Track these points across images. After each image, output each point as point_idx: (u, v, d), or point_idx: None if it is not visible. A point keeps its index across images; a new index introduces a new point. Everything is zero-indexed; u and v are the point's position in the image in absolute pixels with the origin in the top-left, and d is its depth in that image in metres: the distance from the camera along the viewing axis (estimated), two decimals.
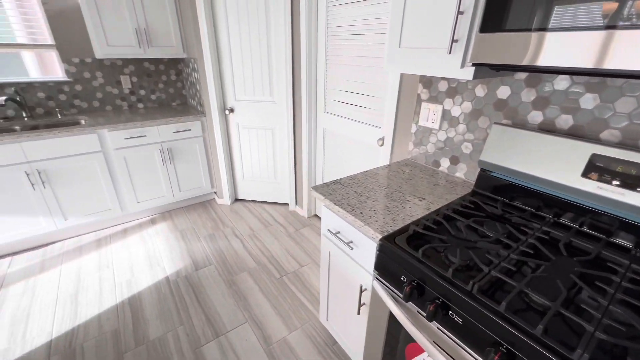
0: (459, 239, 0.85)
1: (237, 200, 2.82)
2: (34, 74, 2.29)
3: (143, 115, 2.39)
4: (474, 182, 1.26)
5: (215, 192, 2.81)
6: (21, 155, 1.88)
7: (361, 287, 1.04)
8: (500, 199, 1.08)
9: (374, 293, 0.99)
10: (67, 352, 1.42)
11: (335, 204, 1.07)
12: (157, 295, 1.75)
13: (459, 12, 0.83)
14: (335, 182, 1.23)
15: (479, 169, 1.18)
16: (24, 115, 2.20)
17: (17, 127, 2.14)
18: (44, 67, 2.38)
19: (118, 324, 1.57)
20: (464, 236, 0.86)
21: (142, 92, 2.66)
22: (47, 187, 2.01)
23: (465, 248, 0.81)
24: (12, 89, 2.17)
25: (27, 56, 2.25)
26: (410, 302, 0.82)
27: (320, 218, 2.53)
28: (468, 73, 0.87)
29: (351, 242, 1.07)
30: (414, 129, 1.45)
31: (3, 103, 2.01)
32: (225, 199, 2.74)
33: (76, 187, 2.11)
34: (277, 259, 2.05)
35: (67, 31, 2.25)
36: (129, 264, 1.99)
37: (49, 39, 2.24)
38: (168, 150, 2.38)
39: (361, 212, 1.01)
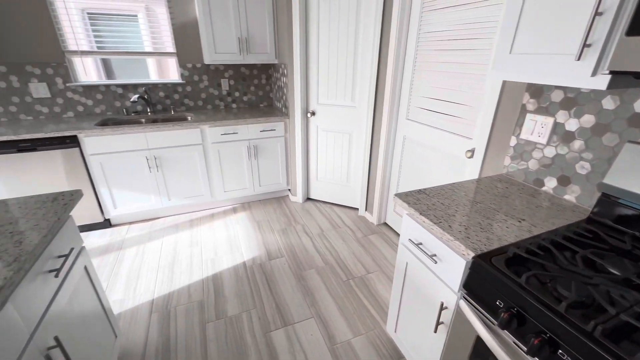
0: (570, 271, 0.75)
1: (308, 199, 2.94)
2: (155, 77, 2.77)
3: (236, 114, 2.67)
4: (589, 208, 1.08)
5: (289, 190, 2.98)
6: (144, 143, 2.28)
7: (442, 305, 0.98)
8: (629, 231, 0.90)
9: (459, 313, 0.92)
10: (164, 312, 1.67)
11: (420, 213, 1.04)
12: (235, 277, 1.93)
13: (597, 13, 0.73)
14: (419, 191, 1.20)
15: (599, 194, 1.01)
16: (148, 110, 2.67)
17: (142, 120, 2.61)
18: (162, 70, 2.86)
19: (203, 296, 1.78)
20: (578, 269, 0.75)
21: (237, 94, 2.98)
22: (160, 171, 2.40)
23: (581, 282, 0.70)
24: (143, 88, 2.66)
25: (150, 62, 2.73)
26: (506, 331, 0.75)
27: (390, 227, 2.48)
28: (601, 82, 0.75)
29: (435, 255, 1.02)
30: (513, 142, 1.32)
31: (135, 100, 2.47)
32: (298, 197, 2.88)
33: (179, 173, 2.47)
34: (344, 262, 2.07)
35: (185, 41, 2.65)
36: (214, 245, 2.25)
37: (171, 48, 2.67)
38: (254, 147, 2.61)
39: (449, 226, 0.96)
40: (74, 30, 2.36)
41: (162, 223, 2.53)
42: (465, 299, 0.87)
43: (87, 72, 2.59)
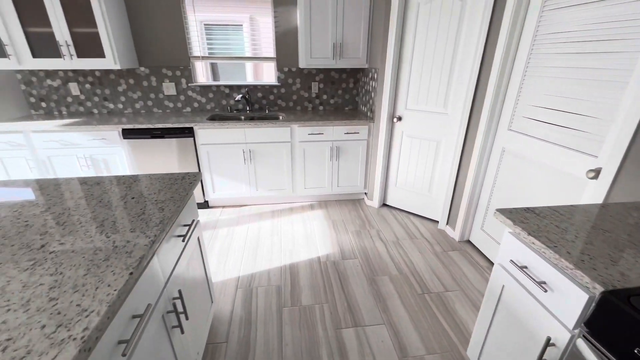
0: None
1: (384, 205, 2.90)
2: (252, 79, 3.08)
3: (322, 116, 2.80)
4: None
5: (365, 193, 2.98)
6: (243, 137, 2.57)
7: (548, 340, 0.87)
8: None
9: (574, 354, 0.80)
10: (247, 289, 1.85)
11: (529, 234, 0.93)
12: (310, 270, 2.03)
13: None
14: (526, 209, 1.08)
15: None
16: (247, 108, 3.00)
17: (242, 117, 2.94)
18: (257, 73, 3.16)
19: (281, 281, 1.92)
20: None
21: (325, 96, 3.13)
22: (252, 163, 2.67)
23: None
24: (245, 89, 2.99)
25: (249, 66, 3.06)
26: None
27: (474, 245, 2.27)
28: None
29: (544, 283, 0.91)
30: None
31: (239, 99, 2.80)
32: (374, 202, 2.87)
33: (268, 166, 2.70)
34: (420, 274, 1.98)
35: (284, 47, 2.90)
36: (292, 237, 2.39)
37: (271, 53, 2.95)
38: (336, 149, 2.70)
39: (568, 252, 0.84)
40: (199, 39, 2.81)
41: (248, 210, 2.81)
42: (587, 339, 0.75)
43: (202, 74, 3.05)
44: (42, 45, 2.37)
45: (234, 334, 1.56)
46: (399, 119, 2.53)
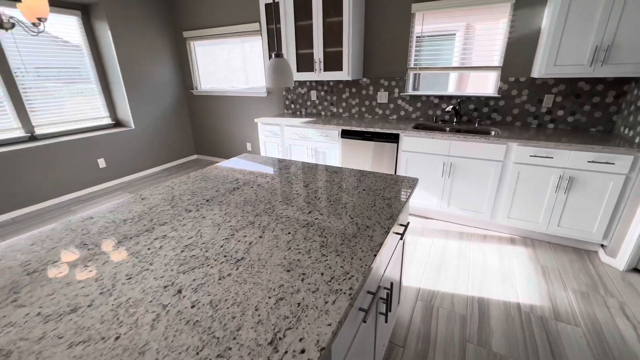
0: None
1: (635, 270, 2.03)
2: (453, 89, 2.88)
3: (549, 135, 2.27)
4: None
5: (603, 245, 2.20)
6: (446, 150, 2.48)
7: None
8: None
9: None
10: (427, 304, 1.79)
11: None
12: (505, 314, 1.71)
13: None
14: None
15: None
16: (455, 120, 2.87)
17: (447, 129, 2.85)
18: (461, 84, 2.91)
19: (466, 312, 1.73)
20: None
21: (560, 112, 2.52)
22: (450, 177, 2.54)
23: None
24: (457, 100, 2.87)
25: (452, 76, 2.85)
26: None
27: None
28: None
29: None
30: None
31: (449, 110, 2.72)
32: (617, 261, 2.06)
33: (467, 184, 2.49)
34: None
35: (514, 54, 2.54)
36: (483, 267, 2.11)
37: (495, 62, 2.66)
38: (569, 179, 2.12)
39: None
40: (414, 51, 2.93)
41: (434, 224, 2.71)
42: None
43: (410, 84, 3.16)
44: (304, 62, 3.18)
45: (411, 342, 1.55)
46: None
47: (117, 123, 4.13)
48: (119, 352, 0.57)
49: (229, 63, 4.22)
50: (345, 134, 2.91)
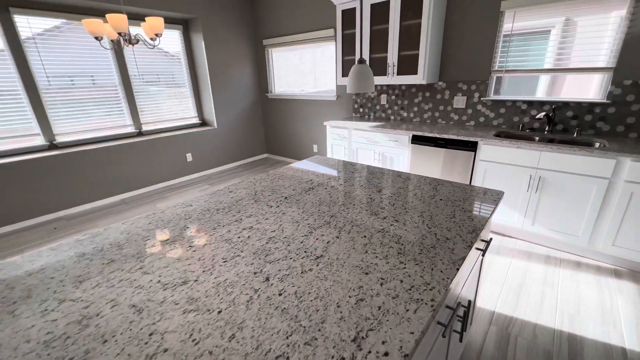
0: None
1: None
2: (543, 94, 2.51)
3: None
4: None
5: None
6: (534, 162, 2.21)
7: None
8: None
9: None
10: (503, 331, 1.62)
11: None
12: (605, 358, 1.45)
13: None
14: None
15: None
16: (547, 129, 2.54)
17: (535, 138, 2.54)
18: (555, 88, 2.52)
19: (552, 348, 1.52)
20: None
21: None
22: (537, 193, 2.25)
23: None
24: (552, 106, 2.54)
25: (543, 79, 2.49)
26: None
27: None
28: None
29: None
30: None
31: (541, 117, 2.42)
32: None
33: (559, 202, 2.18)
34: None
35: (634, 53, 2.14)
36: (576, 299, 1.82)
37: (605, 62, 2.27)
38: None
39: None
40: (500, 52, 2.67)
41: (513, 243, 2.44)
42: None
43: (494, 89, 2.89)
44: (377, 66, 3.16)
45: None
46: None
47: (203, 122, 4.66)
48: (221, 324, 0.65)
49: (300, 67, 4.43)
50: (416, 140, 2.81)
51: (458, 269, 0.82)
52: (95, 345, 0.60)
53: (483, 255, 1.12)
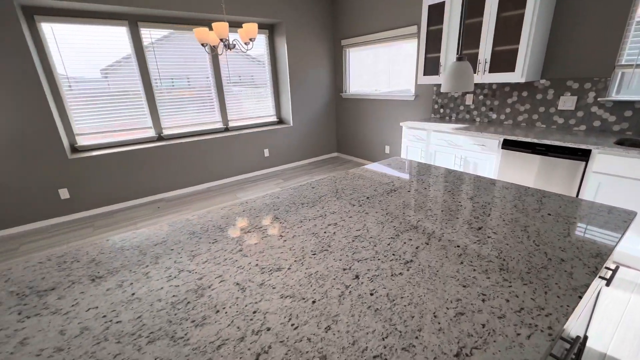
0: None
1: None
2: None
3: None
4: None
5: None
6: None
7: None
8: None
9: None
10: None
11: None
12: None
13: None
14: None
15: None
16: None
17: None
18: None
19: None
20: None
21: None
22: None
23: None
24: None
25: None
26: None
27: None
28: None
29: None
30: None
31: None
32: None
33: None
34: None
35: None
36: None
37: None
38: None
39: None
40: (629, 42, 2.19)
41: (634, 275, 2.00)
42: None
43: (615, 87, 2.39)
44: None
45: None
46: None
47: (280, 121, 4.95)
48: (316, 314, 0.68)
49: (373, 67, 4.35)
50: (509, 145, 2.51)
51: (580, 297, 0.70)
52: (210, 314, 0.68)
53: (607, 285, 0.93)
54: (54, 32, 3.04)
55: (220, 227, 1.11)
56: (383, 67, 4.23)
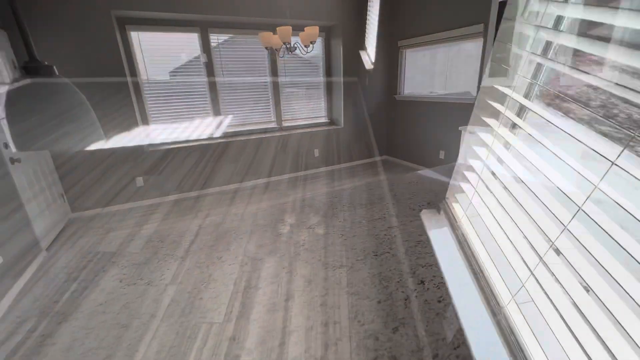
0: None
1: None
2: None
3: None
4: None
5: None
6: None
7: None
8: None
9: None
10: None
11: None
12: None
13: None
14: None
15: None
16: None
17: None
18: None
19: None
20: None
21: None
22: None
23: None
24: None
25: None
26: None
27: None
28: None
29: None
30: None
31: None
32: None
33: None
34: None
35: None
36: None
37: None
38: None
39: None
40: None
41: None
42: None
43: None
44: None
45: None
46: None
47: (331, 122, 5.01)
48: (382, 314, 0.68)
49: (430, 68, 4.18)
50: None
51: None
52: (281, 302, 0.73)
53: None
54: (139, 39, 3.46)
55: (282, 220, 1.16)
56: (441, 68, 4.05)
